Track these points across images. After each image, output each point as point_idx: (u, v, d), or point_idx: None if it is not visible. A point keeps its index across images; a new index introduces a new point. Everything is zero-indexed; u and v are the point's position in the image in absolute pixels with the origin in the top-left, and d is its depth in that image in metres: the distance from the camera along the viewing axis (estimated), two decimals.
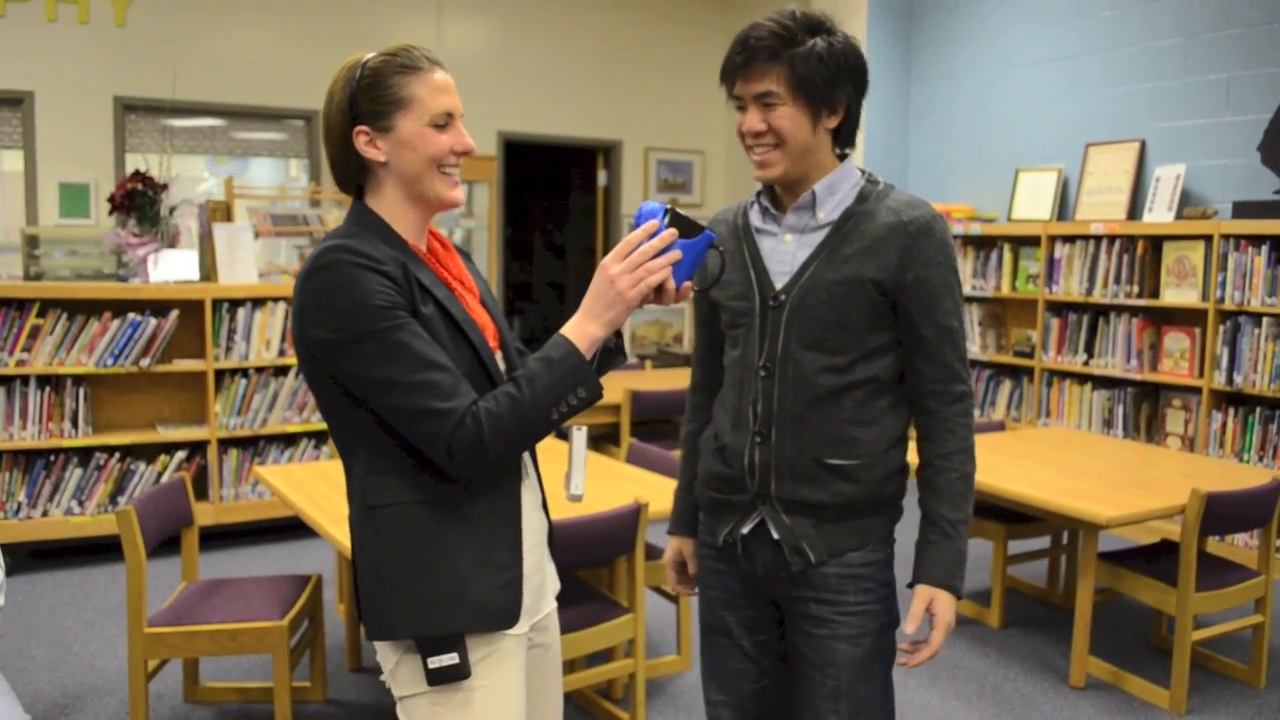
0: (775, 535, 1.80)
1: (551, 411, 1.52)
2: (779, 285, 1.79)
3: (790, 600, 1.85)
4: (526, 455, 1.74)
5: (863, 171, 1.83)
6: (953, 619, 1.78)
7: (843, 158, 1.82)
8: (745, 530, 1.84)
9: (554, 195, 11.06)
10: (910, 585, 1.82)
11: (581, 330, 1.55)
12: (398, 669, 1.60)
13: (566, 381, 1.52)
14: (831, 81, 1.71)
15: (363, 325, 1.47)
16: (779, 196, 1.84)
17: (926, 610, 1.78)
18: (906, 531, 1.82)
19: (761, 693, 1.96)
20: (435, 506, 1.57)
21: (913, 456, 1.87)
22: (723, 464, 1.86)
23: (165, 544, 3.15)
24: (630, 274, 1.53)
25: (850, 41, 1.75)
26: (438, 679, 1.56)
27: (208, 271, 4.94)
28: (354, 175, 1.62)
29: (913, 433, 1.87)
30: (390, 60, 1.57)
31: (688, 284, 1.59)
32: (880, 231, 1.74)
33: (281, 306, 4.93)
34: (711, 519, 1.94)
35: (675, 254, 1.55)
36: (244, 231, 5.00)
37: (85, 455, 4.70)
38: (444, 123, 1.59)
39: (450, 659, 1.56)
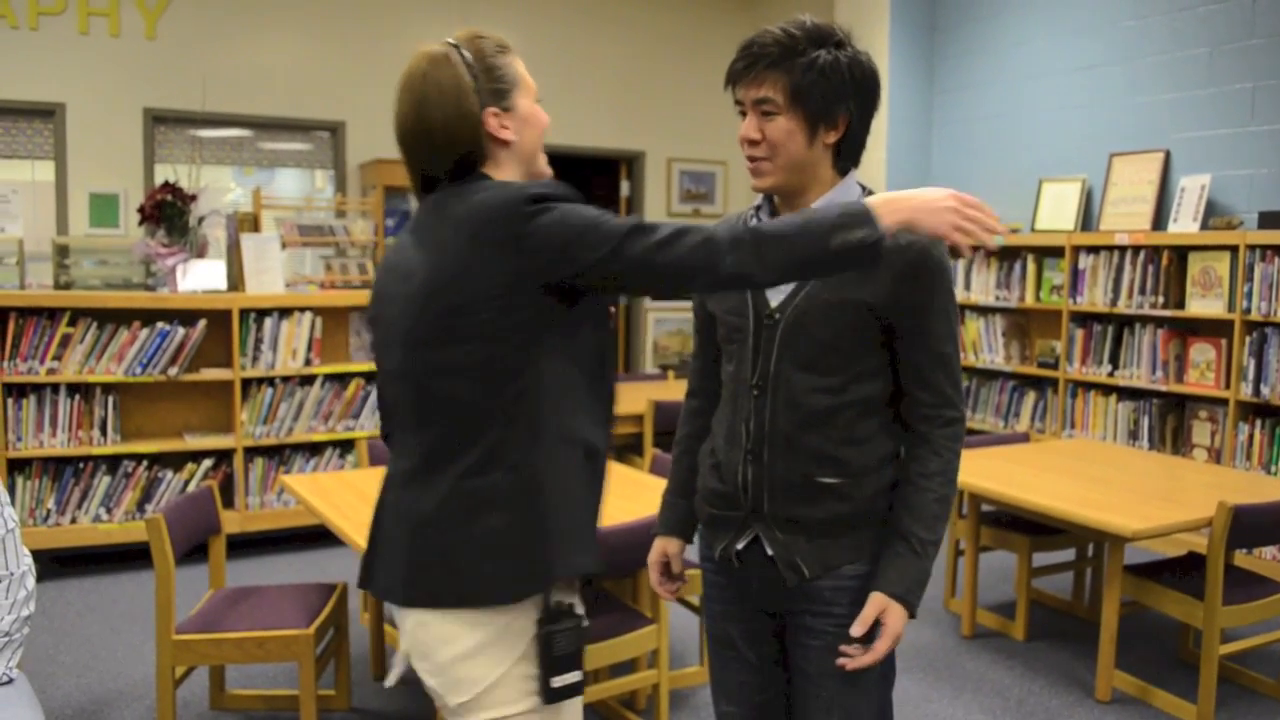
0: (769, 551, 1.80)
1: (830, 236, 1.45)
2: (774, 303, 1.78)
3: (787, 613, 1.85)
4: None
5: (865, 189, 1.81)
6: (901, 632, 1.75)
7: (845, 173, 1.79)
8: (740, 546, 1.84)
9: None
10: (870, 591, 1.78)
11: (884, 205, 1.51)
12: (496, 688, 1.54)
13: (847, 217, 1.47)
14: (831, 96, 1.69)
15: (582, 202, 1.51)
16: (778, 210, 1.83)
17: (879, 621, 1.73)
18: None
19: (767, 705, 1.96)
20: (582, 462, 1.58)
21: None
22: (718, 480, 1.86)
23: (192, 551, 3.18)
24: (963, 212, 1.51)
25: (859, 57, 1.72)
26: (558, 696, 1.54)
27: (235, 281, 4.99)
28: (466, 162, 1.58)
29: None
30: (486, 42, 1.59)
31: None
32: None
33: (308, 316, 4.97)
34: (709, 534, 1.95)
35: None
36: (271, 242, 5.05)
37: (114, 463, 4.75)
38: (539, 99, 1.63)
39: (574, 676, 1.54)
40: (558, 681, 1.52)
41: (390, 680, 1.67)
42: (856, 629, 1.74)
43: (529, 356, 1.52)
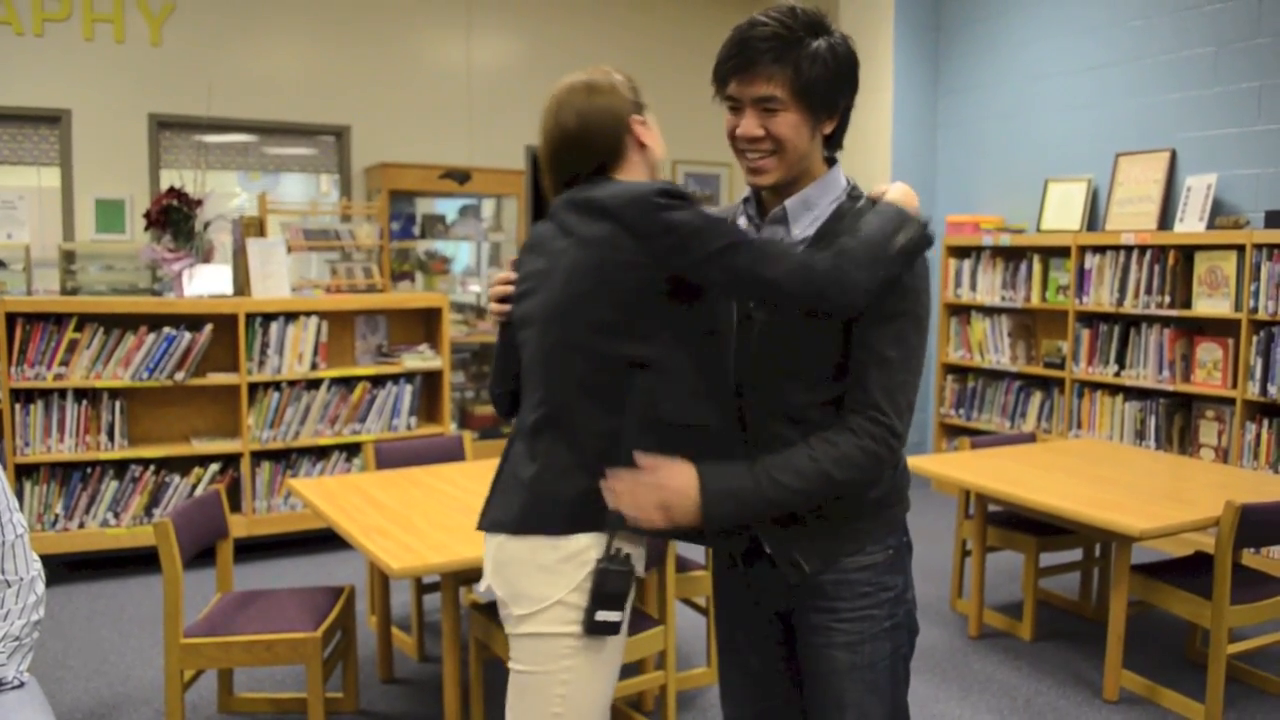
0: (768, 549, 1.79)
1: (891, 241, 1.63)
2: (752, 302, 1.76)
3: (795, 614, 1.84)
4: None
5: (849, 182, 1.78)
6: (673, 502, 1.67)
7: (831, 162, 1.77)
8: (742, 548, 1.84)
9: None
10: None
11: None
12: (552, 608, 1.74)
13: (890, 222, 1.66)
14: (833, 86, 1.66)
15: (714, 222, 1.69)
16: (765, 204, 1.80)
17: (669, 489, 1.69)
18: (924, 542, 1.82)
19: (770, 712, 1.95)
20: (707, 432, 1.75)
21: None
22: None
23: (199, 555, 3.19)
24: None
25: (848, 42, 1.69)
26: (597, 630, 1.74)
27: (241, 286, 5.00)
28: (609, 161, 1.83)
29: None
30: (629, 79, 1.93)
31: None
32: None
33: (314, 320, 4.98)
34: (719, 537, 1.94)
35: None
36: (277, 246, 5.06)
37: (121, 468, 4.76)
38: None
39: (615, 616, 1.75)
40: (601, 615, 1.73)
41: (480, 588, 1.89)
42: (619, 473, 1.70)
43: (639, 336, 1.71)
